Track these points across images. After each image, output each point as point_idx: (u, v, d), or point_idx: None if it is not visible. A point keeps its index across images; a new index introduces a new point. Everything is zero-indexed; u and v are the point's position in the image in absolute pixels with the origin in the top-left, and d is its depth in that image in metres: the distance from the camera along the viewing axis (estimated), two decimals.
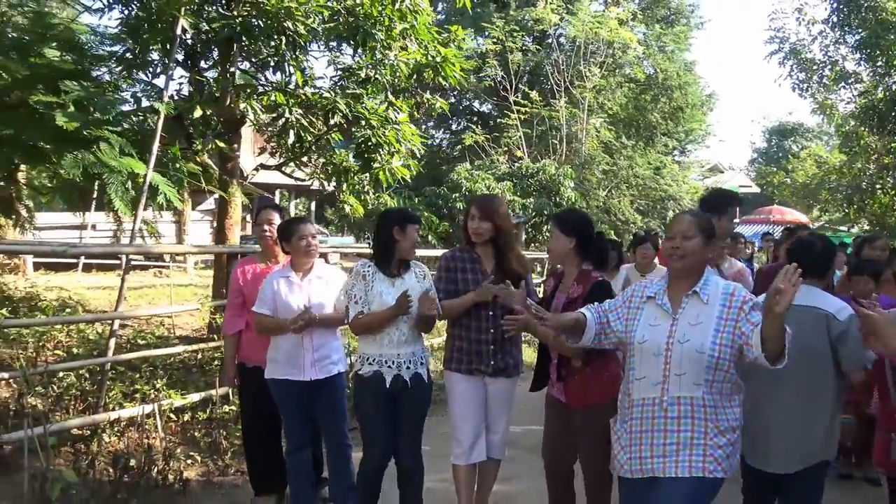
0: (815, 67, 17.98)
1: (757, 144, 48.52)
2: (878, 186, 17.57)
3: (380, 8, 6.40)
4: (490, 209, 3.88)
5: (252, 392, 4.25)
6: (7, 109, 5.53)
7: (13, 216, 6.53)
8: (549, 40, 19.69)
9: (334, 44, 6.87)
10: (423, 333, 3.97)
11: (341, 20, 6.31)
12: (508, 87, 18.54)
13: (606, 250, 4.24)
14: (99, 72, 6.45)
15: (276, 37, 5.96)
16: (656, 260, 6.15)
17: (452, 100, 24.44)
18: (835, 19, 15.99)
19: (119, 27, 6.52)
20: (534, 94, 17.98)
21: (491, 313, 3.85)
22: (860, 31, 14.68)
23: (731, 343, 2.68)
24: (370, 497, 3.83)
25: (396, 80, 6.76)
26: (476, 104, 24.69)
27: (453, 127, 24.36)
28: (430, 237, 13.47)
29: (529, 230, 14.59)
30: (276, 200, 30.43)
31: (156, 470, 4.50)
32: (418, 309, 3.70)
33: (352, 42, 6.44)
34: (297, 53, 6.23)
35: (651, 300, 2.90)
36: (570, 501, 3.76)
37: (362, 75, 6.78)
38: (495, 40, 19.00)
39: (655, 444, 2.75)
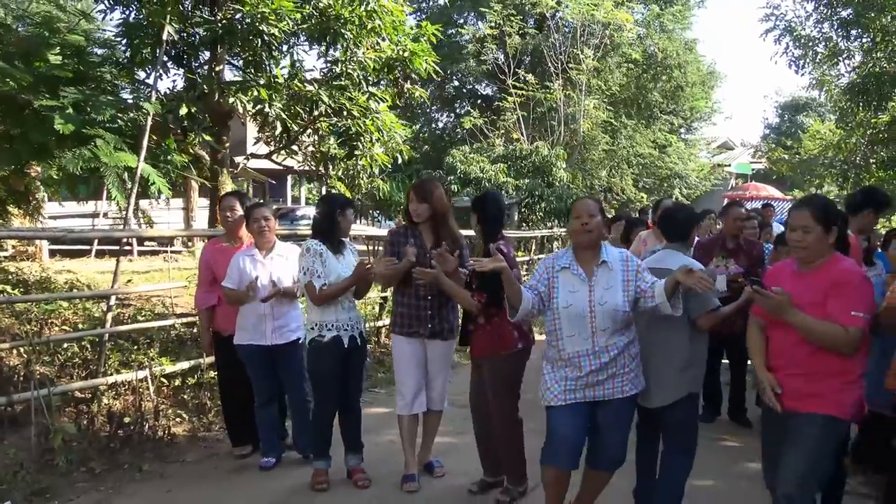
0: (809, 44, 18.19)
1: (770, 120, 48.41)
2: (871, 161, 17.84)
3: (350, 9, 6.96)
4: (426, 192, 4.42)
5: (227, 358, 4.89)
6: (15, 111, 6.17)
7: (25, 206, 7.23)
8: (549, 23, 20.02)
9: (307, 42, 7.42)
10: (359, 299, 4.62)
11: (313, 21, 6.88)
12: (507, 71, 18.96)
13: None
14: (99, 71, 7.02)
15: (252, 39, 6.55)
16: None
17: (456, 83, 24.94)
18: None
19: (116, 31, 7.19)
20: (530, 77, 18.38)
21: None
22: (847, 8, 14.90)
23: (633, 298, 3.45)
24: (325, 441, 4.50)
25: (365, 74, 7.30)
26: (480, 87, 25.12)
27: (458, 110, 24.82)
28: None
29: (523, 210, 15.09)
30: (289, 185, 31.20)
31: (147, 426, 5.18)
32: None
33: (323, 42, 7.01)
34: (272, 53, 6.79)
35: (566, 270, 3.50)
36: (493, 434, 4.38)
37: (337, 70, 7.36)
38: (493, 24, 19.40)
39: (590, 381, 3.45)
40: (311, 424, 4.63)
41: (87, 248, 13.16)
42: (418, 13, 24.15)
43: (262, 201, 5.34)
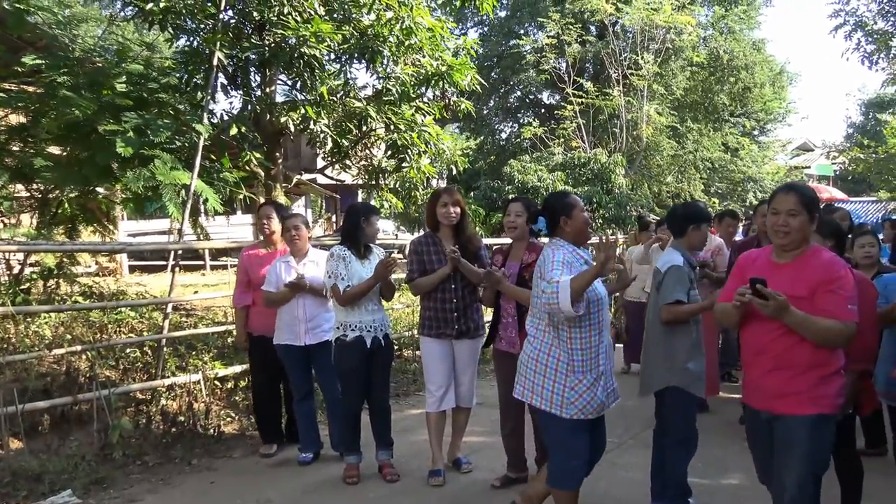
0: (882, 39, 17.57)
1: (853, 119, 46.47)
2: None
3: (389, 28, 7.29)
4: (457, 197, 4.74)
5: (257, 357, 5.26)
6: (83, 136, 6.73)
7: (96, 224, 7.83)
8: (609, 30, 19.98)
9: (349, 61, 7.79)
10: (387, 301, 4.87)
11: (353, 42, 7.23)
12: (566, 79, 19.01)
13: None
14: (157, 97, 7.55)
15: (294, 61, 6.94)
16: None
17: (518, 93, 25.09)
18: None
19: (173, 59, 7.73)
20: (588, 85, 18.38)
21: (453, 286, 4.67)
22: None
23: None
24: (354, 432, 4.77)
25: (404, 89, 7.60)
26: (543, 97, 25.20)
27: (521, 120, 24.97)
28: (478, 230, 14.22)
29: None
30: (360, 198, 32.01)
31: (198, 424, 5.57)
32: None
33: (363, 60, 7.35)
34: (314, 73, 7.17)
35: (587, 262, 3.57)
36: (521, 431, 4.60)
37: (379, 86, 7.70)
38: (552, 34, 19.49)
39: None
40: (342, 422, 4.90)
41: (165, 263, 13.95)
42: (479, 26, 24.49)
43: (296, 212, 5.67)
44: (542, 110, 25.01)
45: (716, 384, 6.23)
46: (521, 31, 23.02)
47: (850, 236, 4.59)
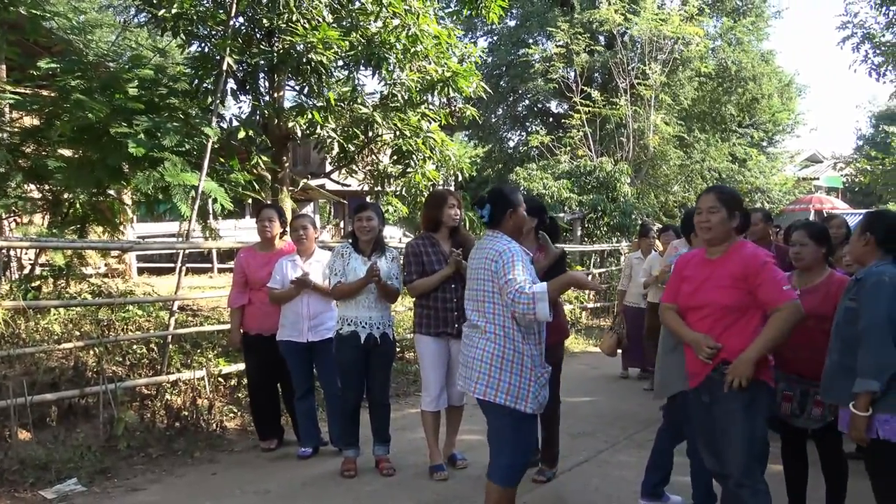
0: (890, 51, 17.59)
1: (863, 131, 46.30)
2: None
3: (395, 36, 7.45)
4: (460, 200, 4.91)
5: (254, 356, 5.39)
6: (95, 139, 6.89)
7: (106, 225, 8.01)
8: (618, 40, 20.12)
9: (353, 67, 7.95)
10: (389, 303, 4.99)
11: (360, 48, 7.39)
12: (573, 88, 19.13)
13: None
14: (168, 101, 7.72)
15: (301, 67, 7.11)
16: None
17: (527, 102, 25.22)
18: None
19: (184, 63, 7.93)
20: (596, 94, 18.49)
21: (453, 285, 4.79)
22: None
23: None
24: (352, 427, 4.90)
25: (409, 95, 7.75)
26: (552, 106, 25.32)
27: (529, 129, 25.09)
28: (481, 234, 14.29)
29: (587, 225, 15.17)
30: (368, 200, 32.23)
31: (202, 419, 5.72)
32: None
33: (369, 66, 7.51)
34: (322, 78, 7.33)
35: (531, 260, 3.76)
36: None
37: (385, 92, 7.85)
38: (560, 43, 19.63)
39: None
40: (340, 417, 5.03)
41: (173, 265, 14.12)
42: (489, 35, 24.65)
43: (303, 213, 5.84)
44: (550, 119, 25.11)
45: None
46: (530, 41, 23.16)
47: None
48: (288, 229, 5.41)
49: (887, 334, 3.05)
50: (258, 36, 7.78)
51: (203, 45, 8.18)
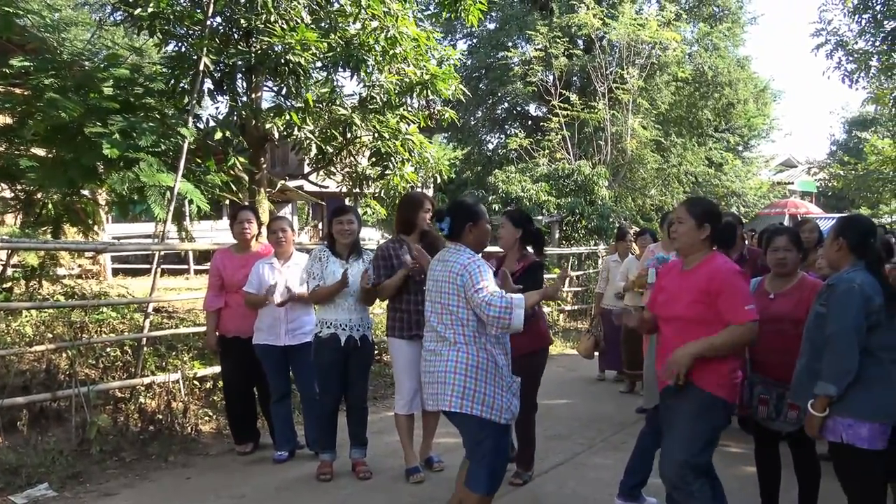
0: (862, 58, 17.85)
1: (836, 136, 46.99)
2: None
3: (374, 38, 7.44)
4: (433, 203, 4.91)
5: (230, 359, 5.33)
6: (69, 138, 6.81)
7: (80, 225, 7.90)
8: (596, 44, 20.24)
9: (332, 69, 7.92)
10: (367, 306, 4.97)
11: (339, 50, 7.36)
12: (552, 92, 19.21)
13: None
14: (144, 101, 7.63)
15: (279, 68, 7.07)
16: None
17: (506, 105, 25.31)
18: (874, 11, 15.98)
19: (160, 62, 7.86)
20: (574, 98, 18.59)
21: (426, 288, 4.78)
22: (892, 21, 14.70)
23: None
24: (329, 431, 4.87)
25: (388, 98, 7.74)
26: (531, 109, 25.41)
27: (508, 132, 25.16)
28: None
29: (565, 228, 15.25)
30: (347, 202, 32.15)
31: (176, 423, 5.66)
32: (360, 284, 4.71)
33: (347, 68, 7.49)
34: (300, 80, 7.30)
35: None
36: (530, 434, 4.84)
37: (363, 94, 7.84)
38: (539, 47, 19.70)
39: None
40: (316, 420, 5.01)
41: (149, 266, 13.98)
42: (468, 38, 24.68)
43: (280, 216, 5.82)
44: (529, 122, 25.18)
45: None
46: (510, 44, 23.20)
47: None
48: (265, 231, 5.38)
49: (853, 341, 3.10)
50: (236, 36, 7.72)
51: (180, 44, 8.10)
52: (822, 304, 3.30)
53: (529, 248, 4.78)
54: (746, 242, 7.11)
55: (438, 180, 10.51)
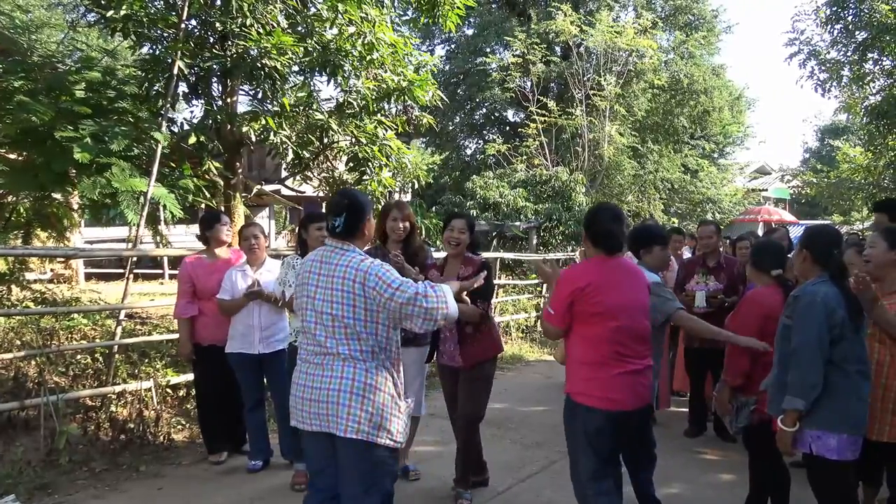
0: (834, 67, 18.12)
1: (809, 144, 47.73)
2: None
3: (351, 43, 7.40)
4: (408, 212, 4.83)
5: (206, 367, 5.27)
6: (39, 142, 6.69)
7: (51, 230, 7.77)
8: (574, 51, 20.36)
9: (309, 74, 7.88)
10: None
11: (315, 55, 7.32)
12: (530, 98, 19.29)
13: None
14: (117, 104, 7.52)
15: (255, 72, 7.02)
16: None
17: (484, 110, 25.37)
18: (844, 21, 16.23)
19: (134, 65, 7.76)
20: (552, 104, 18.68)
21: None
22: (864, 31, 14.94)
23: None
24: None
25: (365, 103, 7.71)
26: (509, 115, 25.49)
27: (486, 137, 25.21)
28: (438, 242, 14.35)
29: (543, 234, 15.31)
30: (323, 208, 31.99)
31: (148, 432, 5.57)
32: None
33: (324, 73, 7.45)
34: (276, 84, 7.25)
35: None
36: (478, 443, 4.74)
37: (340, 99, 7.80)
38: (517, 53, 19.79)
39: None
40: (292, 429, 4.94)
41: (122, 271, 13.79)
42: (446, 43, 24.73)
43: (253, 221, 5.76)
44: (507, 128, 25.25)
45: (667, 399, 6.45)
46: (488, 50, 23.27)
47: (789, 256, 4.79)
48: (237, 237, 5.31)
49: (817, 354, 3.13)
50: (211, 40, 7.64)
51: (154, 47, 7.99)
52: (787, 317, 3.32)
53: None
54: (722, 250, 7.16)
55: (416, 185, 10.48)
